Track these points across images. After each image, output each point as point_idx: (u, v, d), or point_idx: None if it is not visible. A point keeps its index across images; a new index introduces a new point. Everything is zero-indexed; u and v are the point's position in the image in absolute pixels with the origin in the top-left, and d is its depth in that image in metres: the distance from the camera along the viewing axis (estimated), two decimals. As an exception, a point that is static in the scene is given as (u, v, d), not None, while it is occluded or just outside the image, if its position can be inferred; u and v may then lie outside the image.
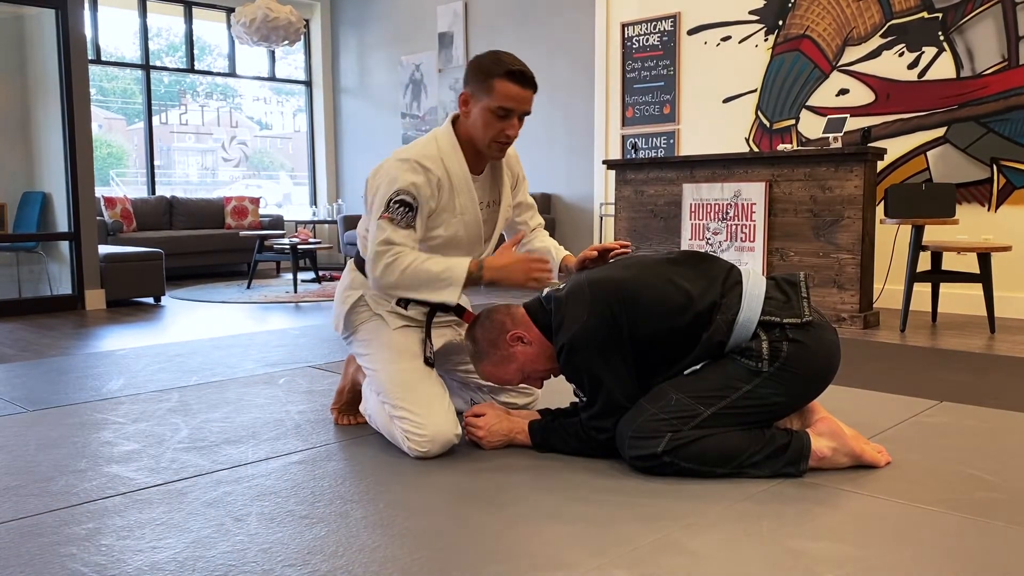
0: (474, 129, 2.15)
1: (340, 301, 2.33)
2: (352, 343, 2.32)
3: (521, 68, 2.09)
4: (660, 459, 1.91)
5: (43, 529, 1.70)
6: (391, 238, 2.07)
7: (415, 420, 2.11)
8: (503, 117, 2.11)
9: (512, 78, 2.08)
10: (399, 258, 2.06)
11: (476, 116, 2.13)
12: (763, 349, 1.93)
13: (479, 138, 2.15)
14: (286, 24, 6.92)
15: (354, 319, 2.29)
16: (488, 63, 2.10)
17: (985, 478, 1.96)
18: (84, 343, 4.06)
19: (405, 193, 2.08)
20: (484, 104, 2.10)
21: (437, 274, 2.07)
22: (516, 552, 1.56)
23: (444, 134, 2.20)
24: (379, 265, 2.07)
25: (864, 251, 4.35)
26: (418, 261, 2.07)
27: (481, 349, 2.14)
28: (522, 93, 2.10)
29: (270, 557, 1.55)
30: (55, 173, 5.42)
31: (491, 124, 2.11)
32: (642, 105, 6.34)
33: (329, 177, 9.24)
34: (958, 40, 4.82)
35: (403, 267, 2.06)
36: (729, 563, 1.50)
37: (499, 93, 2.08)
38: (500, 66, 2.08)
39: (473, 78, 2.13)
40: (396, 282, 2.08)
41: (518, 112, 2.12)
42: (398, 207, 2.07)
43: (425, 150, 2.15)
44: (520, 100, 2.10)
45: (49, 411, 2.70)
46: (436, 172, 2.13)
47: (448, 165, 2.16)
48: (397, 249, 2.07)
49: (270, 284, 6.92)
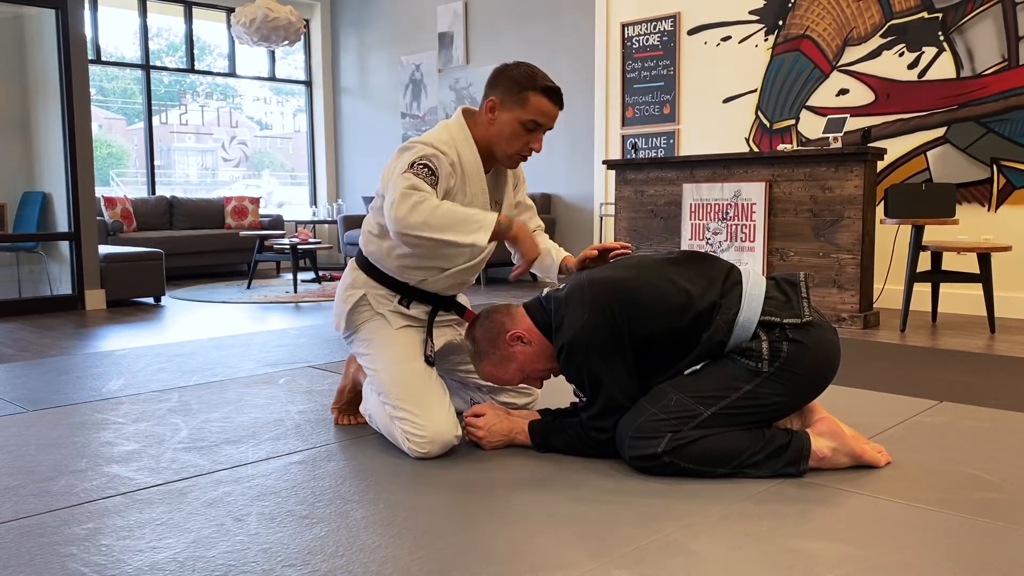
0: (498, 137, 2.16)
1: (341, 300, 2.31)
2: (353, 342, 2.32)
3: (556, 86, 2.15)
4: (660, 459, 1.91)
5: (43, 529, 1.70)
6: (418, 185, 1.99)
7: (415, 421, 2.11)
8: (531, 131, 2.14)
9: (547, 94, 2.12)
10: (428, 199, 1.98)
11: (503, 125, 2.14)
12: (763, 349, 1.93)
13: (501, 146, 2.16)
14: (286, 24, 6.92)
15: (355, 318, 2.28)
16: (523, 76, 2.12)
17: (985, 478, 1.96)
18: (84, 343, 4.07)
19: (428, 159, 2.06)
20: (516, 115, 2.12)
21: (470, 215, 1.98)
22: (516, 552, 1.56)
23: (456, 126, 2.19)
24: (406, 204, 1.96)
25: (864, 251, 4.35)
26: (448, 203, 2.01)
27: (481, 349, 2.14)
28: (554, 110, 2.15)
29: (270, 557, 1.55)
30: (55, 173, 5.42)
31: (519, 135, 2.14)
32: (642, 105, 6.34)
33: (329, 177, 9.24)
34: (958, 40, 4.82)
35: (434, 205, 1.97)
36: (729, 563, 1.50)
37: (533, 107, 2.11)
38: (536, 81, 2.12)
39: (505, 88, 2.14)
40: (425, 220, 1.96)
41: (546, 127, 2.16)
42: (423, 167, 2.04)
43: (439, 136, 2.15)
44: (551, 116, 2.15)
45: (49, 411, 2.70)
46: (451, 155, 2.12)
47: (461, 152, 2.16)
48: (425, 193, 1.99)
49: (270, 284, 6.93)
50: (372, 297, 2.27)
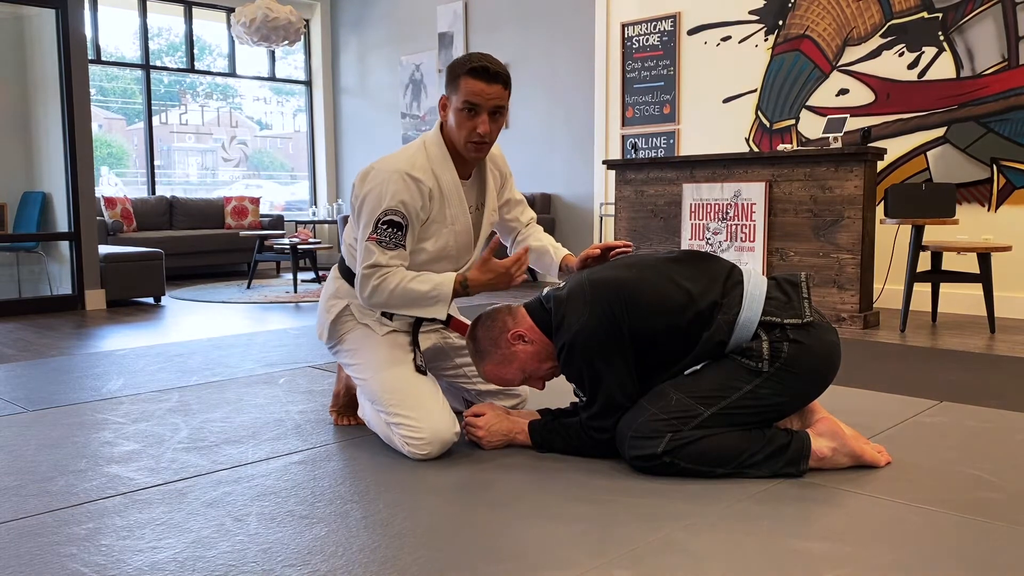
0: (451, 131, 2.15)
1: (324, 310, 2.32)
2: (338, 352, 2.32)
3: (485, 64, 2.08)
4: (660, 459, 1.91)
5: (43, 529, 1.70)
6: (378, 261, 2.09)
7: (411, 424, 2.11)
8: (471, 114, 2.10)
9: (475, 74, 2.07)
10: (386, 279, 2.09)
11: (450, 117, 2.14)
12: (764, 349, 1.93)
13: (456, 139, 2.15)
14: (286, 24, 6.92)
15: (339, 328, 2.28)
16: (456, 63, 2.12)
17: (985, 478, 1.96)
18: (84, 343, 4.06)
19: (394, 213, 2.08)
20: (454, 103, 2.12)
21: (425, 293, 2.12)
22: (516, 552, 1.56)
23: (433, 142, 2.19)
24: (367, 287, 2.11)
25: (864, 251, 4.35)
26: (405, 281, 2.10)
27: (482, 349, 2.14)
28: (486, 88, 2.08)
29: (270, 557, 1.55)
30: (55, 173, 5.42)
31: (462, 123, 2.11)
32: (642, 105, 6.34)
33: (329, 177, 9.24)
34: (958, 40, 4.82)
35: (391, 288, 2.10)
36: (729, 563, 1.50)
37: (464, 89, 2.08)
38: (464, 64, 2.09)
39: (447, 80, 2.15)
40: (385, 301, 2.13)
41: (485, 107, 2.09)
42: (386, 228, 2.08)
43: (415, 159, 2.14)
44: (485, 95, 2.08)
45: (49, 411, 2.70)
46: (427, 183, 2.12)
47: (438, 174, 2.16)
48: (384, 271, 2.09)
49: (270, 284, 6.92)
50: (355, 308, 2.27)
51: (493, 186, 2.34)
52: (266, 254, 6.62)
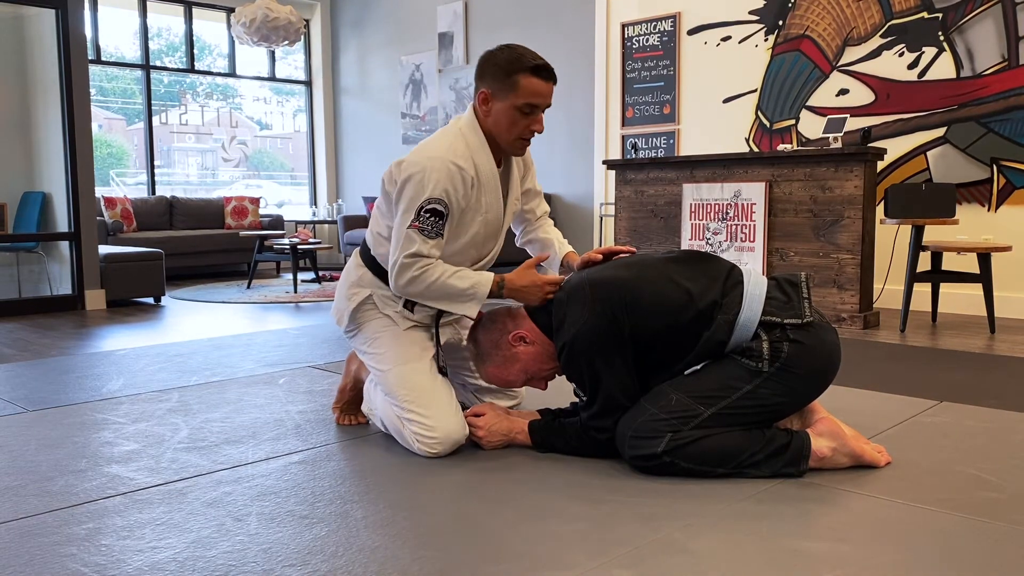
0: (497, 127, 2.11)
1: (345, 297, 2.28)
2: (356, 338, 2.29)
3: (543, 62, 2.07)
4: (660, 459, 1.91)
5: (43, 529, 1.70)
6: (420, 251, 2.05)
7: (425, 423, 2.11)
8: (529, 114, 2.08)
9: (537, 73, 2.05)
10: (427, 271, 2.07)
11: (499, 114, 2.09)
12: (764, 349, 1.93)
13: (503, 136, 2.12)
14: (286, 24, 6.92)
15: (359, 316, 2.26)
16: (509, 60, 2.06)
17: (985, 478, 1.96)
18: (84, 343, 4.06)
19: (437, 202, 2.04)
20: (509, 102, 2.07)
21: (462, 290, 2.09)
22: (516, 552, 1.56)
23: (470, 129, 2.14)
24: (405, 276, 2.07)
25: (864, 251, 4.35)
26: (445, 275, 2.08)
27: (484, 351, 2.14)
28: (547, 87, 2.07)
29: (270, 557, 1.55)
30: (55, 173, 5.42)
31: (517, 122, 2.09)
32: (642, 105, 6.34)
33: (329, 177, 9.23)
34: (958, 40, 4.82)
35: (430, 281, 2.07)
36: (729, 563, 1.50)
37: (525, 90, 2.05)
38: (523, 62, 2.05)
39: (493, 76, 2.08)
40: (421, 292, 2.10)
41: (543, 107, 2.10)
42: (429, 216, 2.04)
43: (456, 146, 2.10)
44: (546, 95, 2.08)
45: (49, 411, 2.70)
46: (469, 171, 2.09)
47: (478, 163, 2.12)
48: (425, 262, 2.06)
49: (270, 284, 6.92)
50: (378, 298, 2.24)
51: (517, 174, 2.32)
52: (266, 254, 6.62)
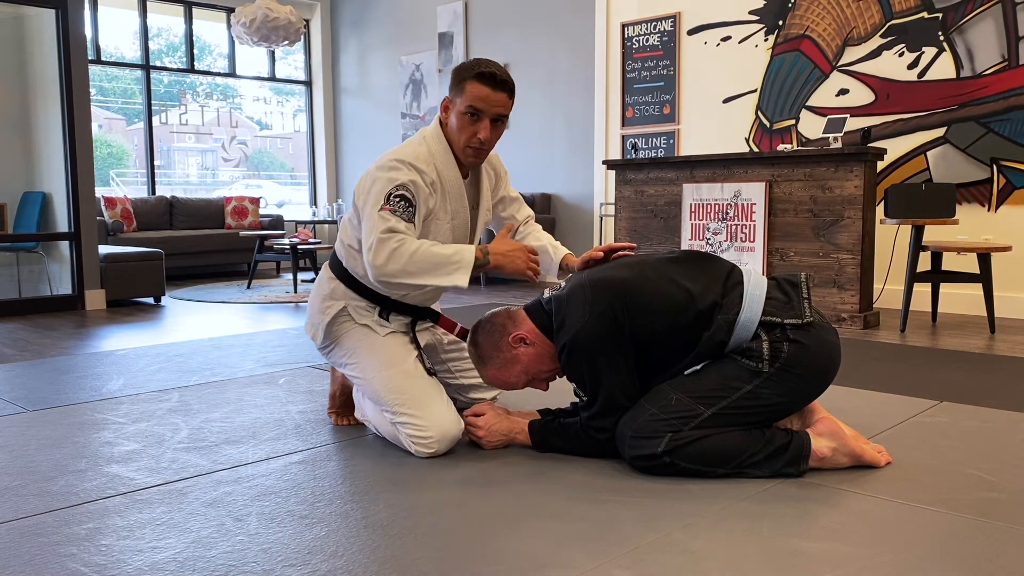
0: (451, 134, 2.16)
1: (319, 311, 2.27)
2: (333, 353, 2.29)
3: (493, 70, 2.09)
4: (660, 459, 1.91)
5: (43, 529, 1.70)
6: (395, 227, 2.02)
7: (418, 424, 2.11)
8: (474, 119, 2.11)
9: (482, 79, 2.08)
10: (405, 243, 2.01)
11: (452, 119, 2.15)
12: (764, 349, 1.93)
13: (456, 143, 2.16)
14: (286, 24, 6.91)
15: (335, 330, 2.26)
16: (464, 67, 2.12)
17: (985, 478, 1.96)
18: (84, 343, 4.06)
19: (404, 188, 2.06)
20: (457, 106, 2.12)
21: (448, 256, 2.02)
22: (516, 552, 1.56)
23: (433, 137, 2.18)
24: (383, 251, 2.01)
25: (864, 251, 4.35)
26: (426, 245, 2.04)
27: (484, 353, 2.14)
28: (492, 95, 2.09)
29: (270, 557, 1.55)
30: (55, 173, 5.42)
31: (464, 127, 2.12)
32: (642, 105, 6.34)
33: (329, 177, 9.24)
34: (958, 40, 4.82)
35: (411, 251, 2.01)
36: (729, 563, 1.50)
37: (469, 93, 2.09)
38: (473, 69, 2.10)
39: (452, 83, 2.15)
40: (403, 267, 2.01)
41: (488, 114, 2.11)
42: (399, 200, 2.04)
43: (417, 152, 2.13)
44: (489, 101, 2.09)
45: (49, 411, 2.70)
46: (430, 174, 2.12)
47: (440, 169, 2.15)
48: (401, 236, 2.02)
49: (270, 284, 6.92)
50: (353, 309, 2.25)
51: (488, 185, 2.34)
52: (266, 254, 6.62)
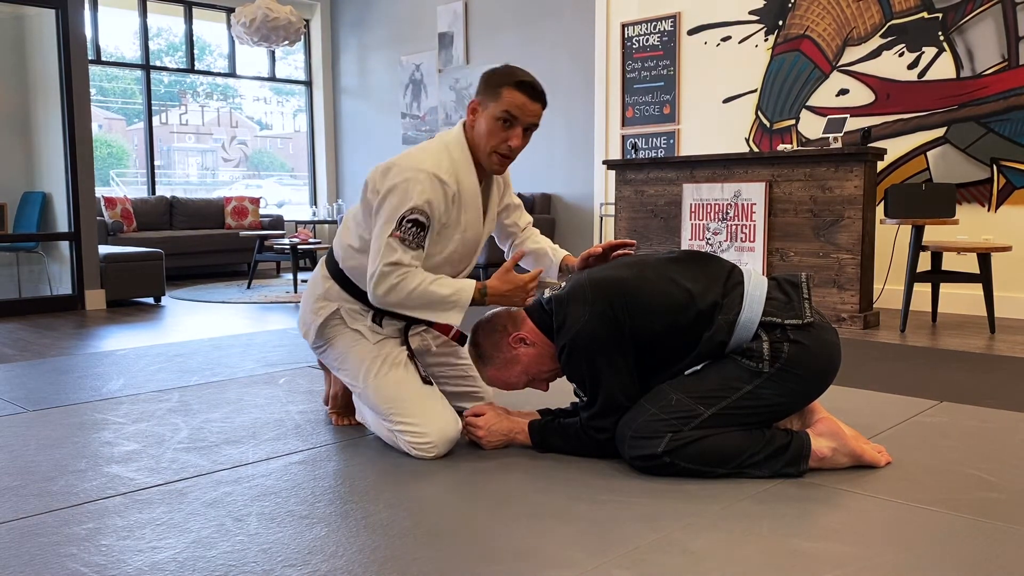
0: (478, 137, 2.13)
1: (312, 311, 2.26)
2: (326, 354, 2.28)
3: (532, 81, 2.10)
4: (660, 459, 1.91)
5: (43, 529, 1.70)
6: (400, 260, 2.03)
7: (415, 429, 2.11)
8: (507, 125, 2.09)
9: (521, 87, 2.08)
10: (406, 279, 2.03)
11: (481, 123, 2.12)
12: (764, 350, 1.93)
13: (481, 147, 2.13)
14: (286, 24, 6.91)
15: (327, 332, 2.25)
16: (500, 73, 2.11)
17: (985, 478, 1.96)
18: (84, 343, 4.06)
19: (419, 212, 2.03)
20: (491, 111, 2.09)
21: (444, 297, 2.05)
22: (516, 552, 1.56)
23: (456, 145, 2.15)
24: (384, 285, 2.03)
25: (864, 251, 4.35)
26: (426, 283, 2.05)
27: (485, 353, 2.14)
28: (529, 104, 2.09)
29: (270, 557, 1.55)
30: (55, 173, 5.42)
31: (495, 132, 2.10)
32: (642, 105, 6.34)
33: (329, 177, 9.23)
34: (958, 40, 4.82)
35: (410, 288, 2.03)
36: (729, 563, 1.50)
37: (506, 100, 2.07)
38: (511, 76, 2.09)
39: (484, 87, 2.13)
40: (401, 302, 2.06)
41: (523, 122, 2.10)
42: (411, 227, 2.03)
43: (440, 161, 2.10)
44: (525, 110, 2.09)
45: (49, 411, 2.70)
46: (452, 187, 2.09)
47: (461, 179, 2.12)
48: (404, 270, 2.03)
49: (270, 284, 6.92)
50: (346, 312, 2.23)
51: (496, 193, 2.32)
52: (266, 254, 6.62)
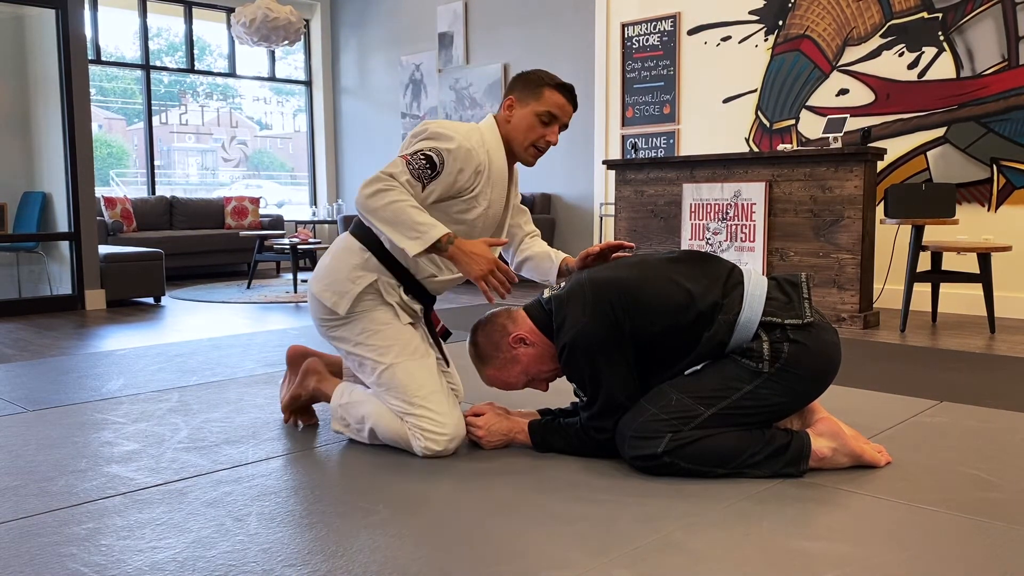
0: (515, 132, 2.24)
1: (349, 279, 2.18)
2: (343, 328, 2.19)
3: (569, 85, 2.27)
4: (660, 459, 1.92)
5: (43, 529, 1.70)
6: (398, 175, 2.05)
7: (436, 419, 2.10)
8: (547, 123, 2.22)
9: (562, 90, 2.23)
10: (394, 191, 2.02)
11: (520, 119, 2.23)
12: (764, 350, 1.93)
13: (518, 140, 2.24)
14: (286, 24, 6.91)
15: (359, 304, 2.18)
16: (540, 74, 2.25)
17: (985, 478, 1.96)
18: (84, 343, 4.06)
19: (437, 153, 2.09)
20: (531, 108, 2.22)
21: (416, 223, 2.00)
22: (516, 552, 1.56)
23: (489, 130, 2.25)
24: (372, 187, 2.03)
25: (864, 251, 4.35)
26: (407, 203, 2.02)
27: (484, 353, 2.14)
28: (567, 105, 2.24)
29: (270, 557, 1.55)
30: (55, 173, 5.42)
31: (534, 128, 2.22)
32: (642, 105, 6.34)
33: (329, 177, 9.23)
34: (958, 40, 4.82)
35: (392, 199, 2.01)
36: (729, 563, 1.50)
37: (547, 99, 2.21)
38: (550, 79, 2.24)
39: (522, 86, 2.24)
40: (376, 208, 2.01)
41: (561, 121, 2.25)
42: (422, 159, 2.08)
43: (470, 133, 2.18)
44: (564, 111, 2.24)
45: (49, 411, 2.70)
46: (482, 158, 2.16)
47: (492, 157, 2.20)
48: (395, 183, 2.04)
49: (270, 284, 6.92)
50: (382, 284, 2.19)
51: (515, 185, 2.40)
52: (266, 254, 6.62)
